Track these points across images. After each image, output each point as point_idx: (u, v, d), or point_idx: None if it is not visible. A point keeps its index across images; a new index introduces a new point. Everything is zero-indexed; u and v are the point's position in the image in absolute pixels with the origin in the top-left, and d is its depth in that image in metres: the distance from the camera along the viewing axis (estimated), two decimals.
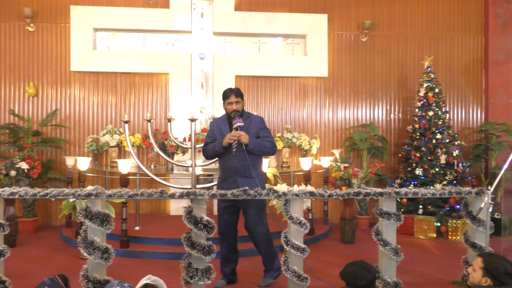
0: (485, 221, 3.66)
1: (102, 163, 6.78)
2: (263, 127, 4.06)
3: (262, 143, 3.93)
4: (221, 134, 4.01)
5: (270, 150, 3.99)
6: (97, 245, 3.31)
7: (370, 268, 2.89)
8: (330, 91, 7.21)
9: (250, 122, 4.02)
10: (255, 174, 3.89)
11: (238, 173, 3.91)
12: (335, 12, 7.20)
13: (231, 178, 3.95)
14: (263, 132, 4.02)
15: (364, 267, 2.87)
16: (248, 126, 3.98)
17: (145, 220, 6.13)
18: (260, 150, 3.92)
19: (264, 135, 4.01)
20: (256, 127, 4.02)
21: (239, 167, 3.90)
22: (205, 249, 3.40)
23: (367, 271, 2.85)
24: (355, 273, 2.85)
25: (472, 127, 7.44)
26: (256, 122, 4.05)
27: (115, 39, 6.95)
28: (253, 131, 3.98)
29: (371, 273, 2.85)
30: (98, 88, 6.86)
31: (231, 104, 3.99)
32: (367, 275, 2.83)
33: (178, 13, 6.84)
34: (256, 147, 3.88)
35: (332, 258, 5.03)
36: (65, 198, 3.48)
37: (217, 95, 6.88)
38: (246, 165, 3.85)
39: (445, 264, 4.81)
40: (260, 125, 4.05)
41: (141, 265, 4.64)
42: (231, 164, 3.93)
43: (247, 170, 3.88)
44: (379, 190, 3.69)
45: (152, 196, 3.43)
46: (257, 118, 4.11)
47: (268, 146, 3.96)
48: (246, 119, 4.02)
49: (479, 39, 7.43)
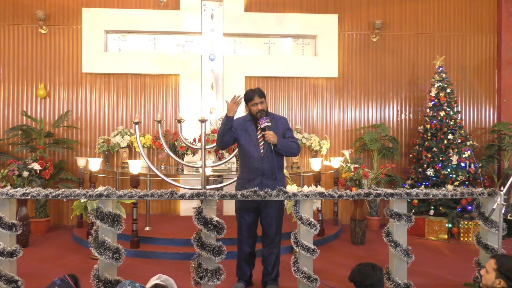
0: (497, 222, 3.61)
1: (113, 163, 6.83)
2: (289, 128, 4.06)
3: (289, 143, 3.93)
4: (248, 135, 3.96)
5: (295, 151, 3.98)
6: (108, 245, 3.33)
7: (377, 267, 2.87)
8: (341, 92, 7.18)
9: (276, 123, 3.99)
10: (281, 176, 3.95)
11: (265, 175, 3.89)
12: (346, 12, 7.17)
13: (257, 180, 3.89)
14: (288, 132, 4.02)
15: (370, 266, 2.87)
16: (275, 127, 3.96)
17: (155, 221, 6.16)
18: (287, 150, 3.92)
19: (289, 135, 4.01)
20: (283, 127, 4.01)
21: (266, 169, 3.88)
22: (215, 250, 3.40)
23: (372, 269, 2.83)
24: (360, 271, 2.84)
25: (485, 127, 7.36)
26: (282, 122, 4.04)
27: (126, 41, 7.00)
28: (280, 131, 3.96)
29: (377, 272, 2.83)
30: (109, 90, 6.92)
31: (256, 105, 3.92)
32: (373, 273, 2.81)
33: (189, 15, 6.87)
34: (285, 147, 3.89)
35: (342, 259, 5.01)
36: (76, 198, 3.51)
37: (227, 96, 6.89)
38: (273, 167, 3.87)
39: (456, 265, 4.76)
40: (285, 125, 4.04)
41: (151, 266, 4.66)
42: (259, 166, 3.89)
43: (274, 172, 3.90)
44: (389, 191, 3.67)
45: (162, 197, 3.45)
46: (282, 119, 4.10)
47: (294, 147, 3.95)
48: (272, 120, 3.97)
49: (492, 38, 7.34)
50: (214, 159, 6.46)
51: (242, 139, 3.97)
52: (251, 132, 3.95)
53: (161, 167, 6.47)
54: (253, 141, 3.93)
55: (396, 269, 3.67)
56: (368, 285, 2.81)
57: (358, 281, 2.84)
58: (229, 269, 4.07)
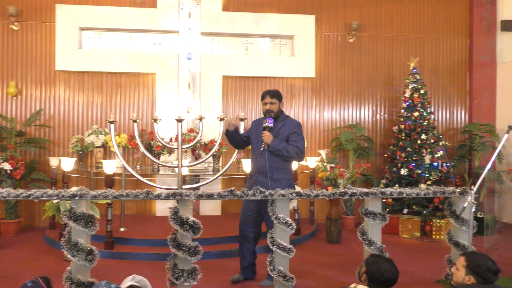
0: (468, 220, 3.70)
1: (87, 163, 6.71)
2: (295, 132, 4.02)
3: (286, 147, 3.91)
4: (256, 133, 4.10)
5: (294, 155, 3.94)
6: (82, 246, 3.27)
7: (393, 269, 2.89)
8: (317, 92, 7.24)
9: (283, 125, 4.04)
10: (279, 177, 3.96)
11: (260, 172, 3.98)
12: (323, 13, 7.24)
13: (255, 176, 4.05)
14: (293, 136, 4.00)
15: (388, 260, 2.89)
16: (280, 128, 4.01)
17: (131, 221, 6.08)
18: (282, 153, 3.91)
19: (292, 139, 3.98)
20: (288, 130, 4.02)
21: (261, 167, 3.96)
22: (191, 250, 3.38)
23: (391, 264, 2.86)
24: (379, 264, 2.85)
25: (457, 128, 7.54)
26: (290, 125, 4.05)
27: (101, 39, 6.88)
28: (284, 134, 4.00)
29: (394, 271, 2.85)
30: (84, 88, 6.79)
31: (266, 104, 4.05)
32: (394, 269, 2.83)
33: (166, 13, 6.80)
34: (278, 150, 3.90)
35: (318, 258, 5.05)
36: (48, 199, 3.43)
37: (204, 95, 6.86)
38: (269, 166, 3.91)
39: (429, 263, 4.86)
40: (292, 129, 4.03)
41: (126, 267, 4.60)
42: (257, 163, 4.04)
43: (271, 171, 3.94)
44: (365, 190, 3.72)
45: (137, 197, 3.40)
46: (292, 122, 4.09)
47: (292, 151, 3.91)
48: (281, 121, 4.05)
49: (464, 41, 7.53)
50: (190, 158, 6.42)
51: (253, 136, 4.15)
52: (259, 131, 4.06)
53: (136, 167, 6.39)
54: (258, 139, 4.04)
55: None
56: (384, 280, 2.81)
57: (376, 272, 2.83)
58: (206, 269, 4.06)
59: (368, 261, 2.92)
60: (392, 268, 2.83)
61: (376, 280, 2.81)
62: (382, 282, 2.80)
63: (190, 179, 6.32)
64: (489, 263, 2.67)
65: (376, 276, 2.81)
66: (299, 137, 4.03)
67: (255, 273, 4.26)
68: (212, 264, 4.70)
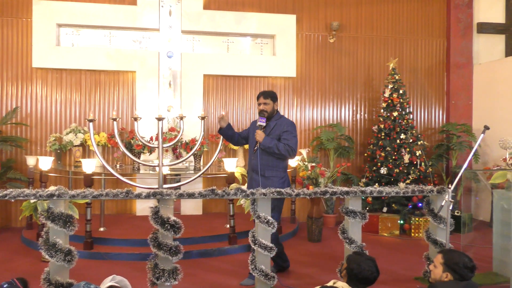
0: (445, 218, 3.78)
1: (65, 162, 6.59)
2: (287, 131, 4.12)
3: (277, 145, 4.01)
4: (253, 133, 4.18)
5: (284, 153, 4.03)
6: (60, 247, 3.21)
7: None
8: (298, 91, 7.27)
9: (276, 124, 4.16)
10: (271, 174, 4.08)
11: (254, 170, 4.12)
12: (304, 13, 7.27)
13: (250, 174, 4.23)
14: (284, 135, 4.10)
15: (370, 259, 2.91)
16: (273, 128, 4.14)
17: (111, 221, 6.00)
18: (272, 151, 4.02)
19: (284, 137, 4.09)
20: (281, 129, 4.12)
21: (255, 165, 4.11)
22: (172, 250, 3.36)
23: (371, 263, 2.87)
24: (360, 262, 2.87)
25: (435, 128, 7.68)
26: (282, 125, 4.16)
27: (79, 36, 6.77)
28: (276, 132, 4.12)
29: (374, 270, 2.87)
30: (62, 86, 6.67)
31: (260, 105, 4.20)
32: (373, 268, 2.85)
33: (146, 11, 6.73)
34: (269, 148, 4.01)
35: (299, 256, 5.08)
36: (25, 199, 3.37)
37: (185, 94, 6.82)
38: (262, 164, 4.05)
39: (408, 260, 4.94)
40: (284, 128, 4.13)
41: (106, 267, 4.54)
42: (250, 161, 4.21)
43: (262, 169, 4.07)
44: (345, 189, 3.75)
45: (117, 197, 3.36)
46: (284, 121, 4.21)
47: (282, 149, 4.01)
48: (274, 121, 4.17)
49: (442, 42, 7.68)
50: (171, 157, 6.38)
51: (250, 136, 4.30)
52: (254, 130, 4.18)
53: (116, 166, 6.31)
54: (253, 138, 4.17)
55: None
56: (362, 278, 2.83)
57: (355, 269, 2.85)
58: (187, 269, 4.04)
59: (350, 258, 2.95)
60: (372, 267, 2.86)
61: (355, 277, 2.84)
62: (360, 280, 2.83)
63: (171, 178, 6.27)
64: (465, 260, 2.73)
65: (355, 274, 2.84)
66: (291, 135, 4.12)
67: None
68: (193, 263, 4.68)
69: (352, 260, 2.90)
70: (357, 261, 2.87)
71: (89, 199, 3.48)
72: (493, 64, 7.30)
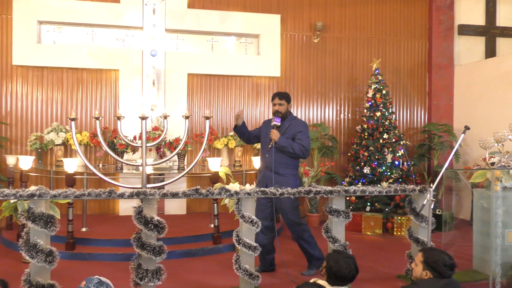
0: (427, 217, 3.83)
1: (46, 162, 6.49)
2: (301, 131, 4.28)
3: (291, 144, 4.16)
4: (266, 132, 4.36)
5: (299, 153, 4.17)
6: (41, 247, 3.17)
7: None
8: (283, 91, 7.27)
9: (290, 125, 4.32)
10: (285, 172, 4.20)
11: (268, 168, 4.23)
12: (288, 13, 7.29)
13: (263, 171, 4.33)
14: (299, 135, 4.25)
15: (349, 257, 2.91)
16: (287, 128, 4.29)
17: (93, 221, 5.93)
18: (287, 150, 4.17)
19: (298, 137, 4.24)
20: (295, 129, 4.28)
21: (269, 162, 4.22)
22: (156, 250, 3.34)
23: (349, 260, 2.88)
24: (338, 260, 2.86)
25: (417, 128, 7.78)
26: (296, 125, 4.32)
27: (61, 33, 6.67)
28: (291, 132, 4.26)
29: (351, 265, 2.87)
30: (43, 84, 6.56)
31: (275, 105, 4.35)
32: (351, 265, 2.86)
33: (129, 8, 6.67)
34: (284, 147, 4.15)
35: (283, 255, 5.08)
36: (5, 199, 3.31)
37: (169, 93, 6.78)
38: (276, 161, 4.17)
39: (391, 259, 5.00)
40: (299, 128, 4.29)
41: (88, 268, 4.49)
42: (265, 159, 4.31)
43: (276, 167, 4.18)
44: (329, 189, 3.78)
45: (100, 196, 3.33)
46: (298, 122, 4.38)
47: (297, 148, 4.16)
48: (288, 121, 4.33)
49: (424, 44, 7.78)
50: (155, 157, 6.33)
51: (262, 135, 4.45)
52: (268, 130, 4.31)
53: (99, 165, 6.24)
54: (267, 138, 4.30)
55: None
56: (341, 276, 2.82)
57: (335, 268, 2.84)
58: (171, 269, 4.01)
59: (329, 256, 2.96)
60: (350, 265, 2.85)
61: (333, 275, 2.85)
62: (339, 278, 2.83)
63: (155, 178, 6.23)
64: (444, 258, 2.77)
65: (334, 272, 2.84)
66: (305, 136, 4.28)
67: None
68: (177, 263, 4.65)
69: (330, 258, 2.92)
70: (335, 259, 2.88)
71: (71, 199, 3.44)
72: (473, 65, 7.44)
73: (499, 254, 3.65)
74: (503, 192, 3.84)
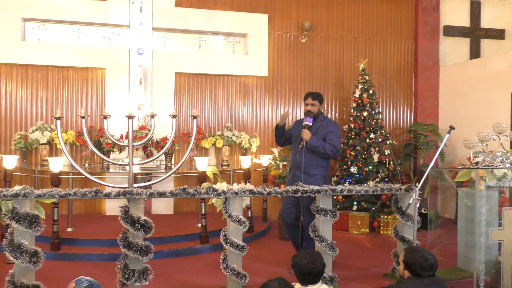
0: (413, 216, 3.88)
1: (31, 161, 6.40)
2: (332, 131, 4.34)
3: (323, 145, 4.23)
4: (296, 132, 4.44)
5: (330, 153, 4.24)
6: (25, 248, 3.13)
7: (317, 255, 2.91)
8: (270, 90, 7.30)
9: (321, 125, 4.37)
10: (315, 172, 4.28)
11: (298, 167, 4.30)
12: (276, 13, 7.30)
13: (293, 171, 4.41)
14: (330, 135, 4.32)
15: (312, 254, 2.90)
16: (319, 128, 4.35)
17: (79, 221, 5.87)
18: (318, 150, 4.23)
19: (329, 138, 4.30)
20: (326, 130, 4.34)
21: (299, 162, 4.29)
22: (142, 250, 3.32)
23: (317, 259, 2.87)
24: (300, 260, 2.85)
25: (403, 128, 7.86)
26: (327, 125, 4.38)
27: (46, 31, 6.58)
28: (322, 133, 4.33)
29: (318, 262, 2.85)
30: (28, 82, 6.46)
31: (307, 105, 4.42)
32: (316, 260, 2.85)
33: (116, 6, 6.61)
34: (315, 147, 4.21)
35: (271, 255, 5.10)
36: None
37: (156, 92, 6.74)
38: (306, 162, 4.23)
39: (377, 257, 5.04)
40: (330, 129, 4.35)
41: (74, 268, 4.44)
42: (295, 159, 4.39)
43: (306, 167, 4.24)
44: (316, 188, 3.80)
45: (86, 196, 3.30)
46: (330, 122, 4.45)
47: (328, 149, 4.22)
48: (320, 122, 4.39)
49: (410, 44, 7.86)
50: (142, 156, 6.29)
51: (293, 135, 4.54)
52: (299, 129, 4.39)
53: (85, 164, 6.17)
54: (297, 138, 4.38)
55: None
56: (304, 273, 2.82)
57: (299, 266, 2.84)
58: (158, 269, 4.00)
59: (294, 256, 2.94)
60: (313, 260, 2.82)
61: (299, 273, 2.84)
62: (305, 275, 2.82)
63: (142, 177, 6.19)
64: (420, 260, 2.80)
65: (299, 269, 2.84)
66: (336, 136, 4.34)
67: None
68: (164, 263, 4.63)
69: (294, 257, 2.92)
70: (299, 256, 2.89)
71: (56, 198, 3.40)
72: (458, 66, 7.53)
73: (483, 252, 3.71)
74: (487, 191, 3.90)
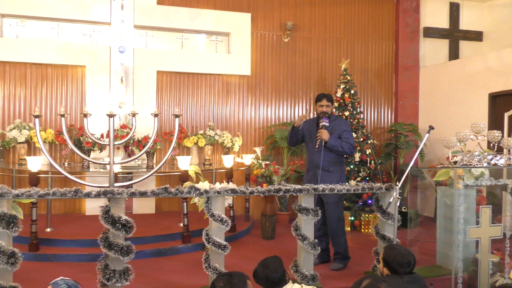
0: (393, 214, 3.93)
1: (8, 160, 6.27)
2: (346, 130, 4.57)
3: (341, 143, 4.44)
4: (310, 132, 4.63)
5: (347, 151, 4.49)
6: (2, 249, 3.07)
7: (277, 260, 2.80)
8: (253, 90, 7.30)
9: (335, 124, 4.57)
10: (335, 169, 4.51)
11: (318, 167, 4.44)
12: (259, 12, 7.31)
13: (312, 171, 4.55)
14: (345, 134, 4.54)
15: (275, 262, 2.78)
16: (333, 127, 4.53)
17: (58, 221, 5.78)
18: (337, 149, 4.43)
19: (345, 136, 4.52)
20: (340, 129, 4.55)
21: (318, 162, 4.44)
22: (123, 250, 3.29)
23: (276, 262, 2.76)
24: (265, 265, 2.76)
25: (384, 127, 7.96)
26: (341, 125, 4.60)
27: (24, 27, 6.45)
28: (337, 132, 4.52)
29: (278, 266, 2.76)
30: (5, 79, 6.33)
31: (322, 106, 4.57)
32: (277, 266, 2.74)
33: (96, 3, 6.52)
34: (334, 146, 4.41)
35: (253, 254, 5.10)
36: None
37: (138, 90, 6.67)
38: (325, 160, 4.41)
39: (358, 255, 5.09)
40: (343, 127, 4.57)
41: (53, 269, 4.37)
42: (313, 158, 4.53)
43: (326, 165, 4.45)
44: (298, 187, 3.81)
45: (65, 196, 3.25)
46: (342, 121, 4.69)
47: (346, 147, 4.45)
48: (332, 121, 4.57)
49: (391, 45, 7.96)
50: (123, 155, 6.22)
51: (306, 135, 4.69)
52: (312, 130, 4.60)
53: (64, 164, 6.07)
54: (312, 137, 4.56)
55: (304, 262, 3.83)
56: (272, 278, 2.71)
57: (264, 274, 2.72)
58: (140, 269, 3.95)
59: (258, 264, 2.82)
60: (276, 268, 2.72)
61: (265, 280, 2.73)
62: (270, 282, 2.72)
63: (123, 177, 6.12)
64: (398, 258, 2.85)
65: (264, 276, 2.73)
66: (350, 134, 4.58)
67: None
68: (146, 263, 4.59)
69: (259, 265, 2.79)
70: (263, 264, 2.77)
71: (35, 198, 3.34)
72: (438, 67, 7.66)
73: (461, 249, 3.78)
74: (465, 190, 3.98)
